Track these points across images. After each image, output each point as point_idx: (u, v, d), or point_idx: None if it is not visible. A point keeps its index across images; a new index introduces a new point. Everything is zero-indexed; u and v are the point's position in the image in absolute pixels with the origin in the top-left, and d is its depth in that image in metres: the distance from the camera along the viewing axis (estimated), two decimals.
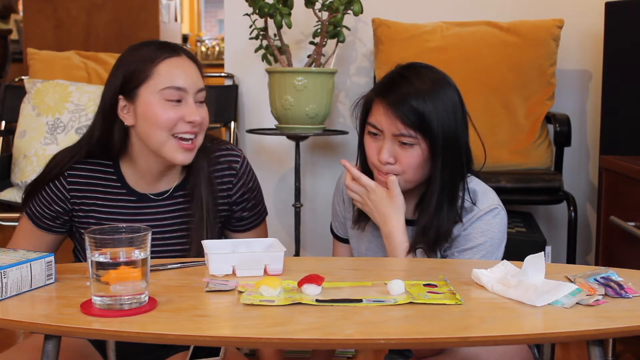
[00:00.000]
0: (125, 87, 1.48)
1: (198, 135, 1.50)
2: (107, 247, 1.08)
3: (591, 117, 2.98)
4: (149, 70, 1.46)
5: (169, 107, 1.46)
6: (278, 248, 1.34)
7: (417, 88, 1.48)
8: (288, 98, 2.51)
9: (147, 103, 1.46)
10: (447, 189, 1.50)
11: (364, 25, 2.95)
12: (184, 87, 1.46)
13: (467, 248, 1.51)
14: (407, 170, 1.50)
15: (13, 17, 6.72)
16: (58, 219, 1.56)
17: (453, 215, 1.51)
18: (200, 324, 1.05)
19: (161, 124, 1.45)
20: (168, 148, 1.47)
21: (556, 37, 2.74)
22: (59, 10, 4.73)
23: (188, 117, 1.46)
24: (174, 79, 1.46)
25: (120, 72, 1.49)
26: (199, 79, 1.51)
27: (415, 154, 1.48)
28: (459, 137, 1.51)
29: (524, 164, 2.67)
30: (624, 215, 2.27)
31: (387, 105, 1.48)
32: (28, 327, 1.07)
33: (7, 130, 2.95)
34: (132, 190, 1.55)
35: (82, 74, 3.03)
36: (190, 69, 1.50)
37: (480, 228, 1.51)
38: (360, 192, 1.56)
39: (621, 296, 1.17)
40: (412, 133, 1.47)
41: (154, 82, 1.46)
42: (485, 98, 2.71)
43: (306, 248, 3.07)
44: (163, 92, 1.45)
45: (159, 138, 1.46)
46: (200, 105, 1.50)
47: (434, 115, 1.46)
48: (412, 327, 1.05)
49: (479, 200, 1.53)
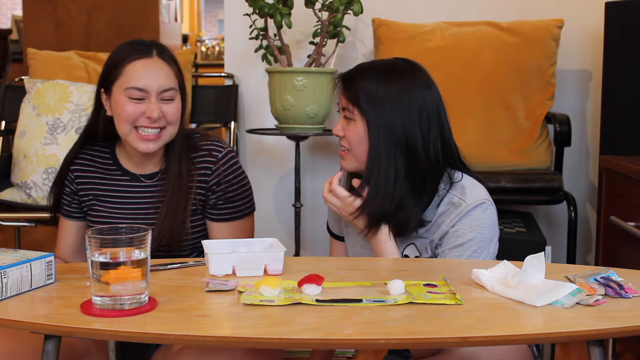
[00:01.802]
0: (104, 81, 1.67)
1: (166, 127, 1.64)
2: (107, 247, 1.08)
3: (591, 117, 2.98)
4: (119, 69, 1.63)
5: (131, 104, 1.61)
6: (278, 248, 1.34)
7: (371, 71, 1.57)
8: (288, 98, 2.51)
9: (116, 99, 1.63)
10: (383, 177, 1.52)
11: (364, 25, 2.95)
12: (145, 87, 1.61)
13: (457, 244, 1.51)
14: (351, 144, 1.57)
15: (13, 17, 6.72)
16: (73, 202, 1.75)
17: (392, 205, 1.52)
18: (200, 324, 1.05)
19: (124, 117, 1.62)
20: (131, 138, 1.63)
21: (556, 37, 2.74)
22: (59, 10, 4.72)
23: (147, 113, 1.61)
24: (136, 81, 1.61)
25: (104, 68, 1.68)
26: (166, 80, 1.63)
27: (353, 128, 1.56)
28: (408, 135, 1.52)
29: (524, 164, 2.67)
30: (624, 215, 2.27)
31: (341, 81, 1.60)
32: (28, 327, 1.07)
33: (7, 130, 2.95)
34: (125, 171, 1.73)
35: (82, 74, 3.02)
36: (157, 70, 1.63)
37: (469, 223, 1.52)
38: (336, 203, 1.61)
39: (621, 296, 1.17)
40: (350, 107, 1.55)
41: (121, 81, 1.62)
42: (485, 98, 2.71)
43: (306, 248, 3.07)
44: (127, 91, 1.61)
45: (124, 129, 1.64)
46: (167, 102, 1.63)
47: (371, 99, 1.53)
48: (412, 327, 1.05)
49: (467, 196, 1.54)
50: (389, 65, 1.60)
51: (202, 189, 1.68)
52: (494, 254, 1.55)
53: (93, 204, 1.73)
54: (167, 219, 1.63)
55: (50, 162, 2.60)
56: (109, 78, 1.65)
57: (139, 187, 1.72)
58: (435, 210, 1.55)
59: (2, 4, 9.26)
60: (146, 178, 1.72)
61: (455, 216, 1.52)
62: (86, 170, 1.74)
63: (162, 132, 1.64)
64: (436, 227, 1.55)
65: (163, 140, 1.65)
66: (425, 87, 1.57)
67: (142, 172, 1.72)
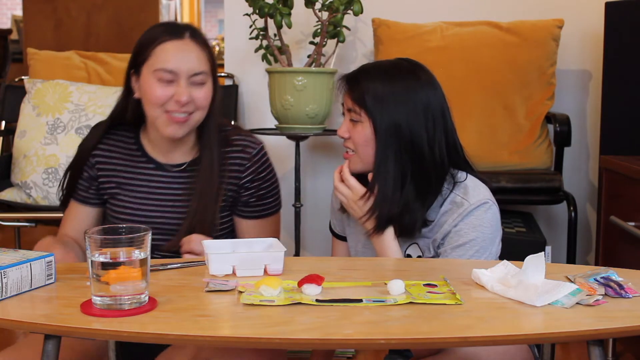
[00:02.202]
0: (134, 62, 1.62)
1: (194, 113, 1.59)
2: (107, 247, 1.08)
3: (591, 117, 2.98)
4: (150, 50, 1.57)
5: (161, 86, 1.56)
6: (278, 248, 1.34)
7: (376, 71, 1.57)
8: (288, 98, 2.51)
9: (145, 80, 1.58)
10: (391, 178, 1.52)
11: (364, 25, 2.95)
12: (175, 70, 1.55)
13: (459, 244, 1.51)
14: (357, 146, 1.56)
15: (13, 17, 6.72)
16: (90, 188, 1.69)
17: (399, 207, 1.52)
18: (200, 324, 1.05)
19: (153, 100, 1.57)
20: (160, 122, 1.58)
21: (556, 37, 2.74)
22: (59, 10, 4.72)
23: (176, 96, 1.55)
24: (166, 62, 1.56)
25: (134, 48, 1.62)
26: (198, 63, 1.58)
27: (359, 130, 1.55)
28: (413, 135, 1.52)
29: (524, 164, 2.66)
30: (624, 215, 2.27)
31: (345, 82, 1.59)
32: (28, 327, 1.07)
33: (7, 130, 2.95)
34: (150, 159, 1.67)
35: (82, 74, 3.02)
36: (188, 52, 1.57)
37: (472, 223, 1.52)
38: (347, 194, 1.59)
39: (621, 296, 1.17)
40: (357, 109, 1.54)
41: (151, 62, 1.57)
42: (485, 98, 2.71)
43: (306, 248, 3.07)
44: (156, 73, 1.56)
45: (153, 113, 1.59)
46: (197, 86, 1.58)
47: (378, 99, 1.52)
48: (412, 327, 1.05)
49: (470, 195, 1.54)
50: (393, 66, 1.60)
51: (234, 185, 1.66)
52: (496, 254, 1.55)
53: (115, 192, 1.67)
54: (198, 212, 1.59)
55: (50, 162, 2.60)
56: (138, 59, 1.60)
57: (164, 177, 1.66)
58: (438, 210, 1.55)
59: (2, 4, 9.26)
60: (172, 168, 1.67)
61: (458, 216, 1.52)
62: (109, 157, 1.68)
63: (190, 116, 1.58)
64: (439, 226, 1.55)
65: (190, 126, 1.60)
66: (430, 87, 1.57)
67: (168, 162, 1.67)
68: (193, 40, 1.59)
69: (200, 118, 1.61)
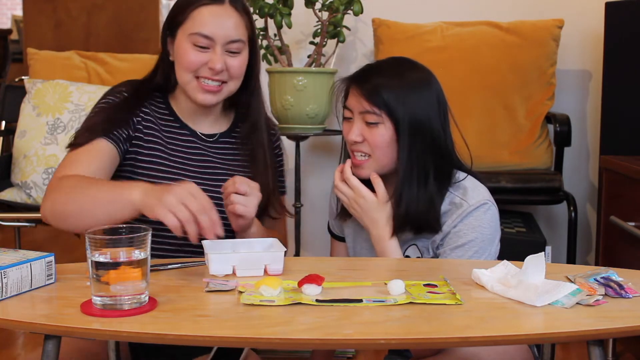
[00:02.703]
0: (169, 25, 1.57)
1: (228, 82, 1.55)
2: (107, 247, 1.08)
3: (591, 117, 2.99)
4: (187, 13, 1.53)
5: (195, 51, 1.51)
6: (278, 248, 1.34)
7: (385, 69, 1.54)
8: (288, 98, 2.51)
9: (180, 44, 1.54)
10: (416, 176, 1.52)
11: (364, 25, 2.95)
12: (211, 35, 1.51)
13: (458, 245, 1.51)
14: (375, 149, 1.53)
15: (13, 17, 6.72)
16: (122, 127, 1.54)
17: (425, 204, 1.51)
18: (200, 324, 1.05)
19: (185, 65, 1.52)
20: (191, 88, 1.54)
21: (556, 37, 2.74)
22: (59, 10, 4.72)
23: (210, 63, 1.51)
24: (203, 27, 1.51)
25: (171, 11, 1.58)
26: (235, 30, 1.53)
27: (380, 132, 1.51)
28: (432, 129, 1.52)
29: (524, 164, 2.67)
30: (624, 215, 2.27)
31: (355, 86, 1.54)
32: (28, 327, 1.07)
33: (7, 130, 2.95)
34: (184, 125, 1.62)
35: (82, 74, 3.02)
36: (226, 19, 1.53)
37: (471, 224, 1.51)
38: (348, 194, 1.58)
39: (621, 296, 1.17)
40: (377, 110, 1.50)
41: (187, 26, 1.52)
42: (485, 98, 2.71)
43: (306, 248, 3.07)
44: (192, 37, 1.51)
45: (184, 78, 1.54)
46: (233, 55, 1.53)
47: (399, 96, 1.50)
48: (412, 327, 1.05)
49: (469, 196, 1.54)
50: (397, 62, 1.59)
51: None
52: (495, 254, 1.55)
53: (150, 153, 1.56)
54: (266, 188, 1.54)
55: (50, 162, 2.60)
56: (175, 21, 1.55)
57: (200, 145, 1.61)
58: None
59: (2, 4, 9.26)
60: (206, 137, 1.62)
61: (457, 217, 1.52)
62: (145, 115, 1.58)
63: (223, 85, 1.54)
64: None
65: (223, 95, 1.56)
66: (435, 78, 1.58)
67: (200, 130, 1.63)
68: (232, 6, 1.54)
69: (233, 88, 1.57)
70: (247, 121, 1.64)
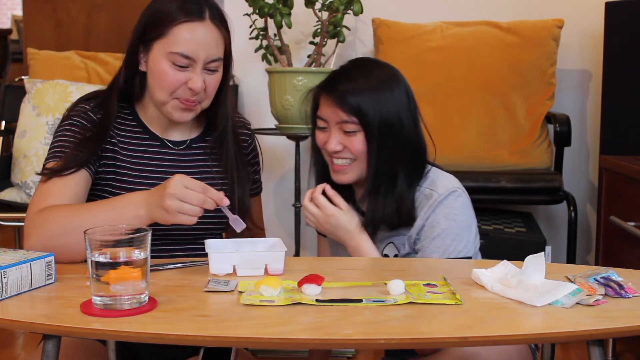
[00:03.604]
0: (144, 35, 1.49)
1: (203, 100, 1.51)
2: (107, 247, 1.08)
3: (591, 117, 2.99)
4: (166, 28, 1.45)
5: (174, 71, 1.45)
6: (280, 248, 1.34)
7: (355, 78, 1.54)
8: (288, 98, 2.51)
9: (156, 60, 1.46)
10: (387, 175, 1.53)
11: (364, 25, 2.95)
12: (192, 56, 1.45)
13: (434, 236, 1.51)
14: (359, 155, 1.54)
15: (13, 17, 6.72)
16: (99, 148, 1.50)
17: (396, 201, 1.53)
18: (200, 324, 1.05)
19: (163, 85, 1.46)
20: (168, 107, 1.49)
21: (556, 37, 2.74)
22: (59, 10, 4.72)
23: (190, 83, 1.46)
24: (183, 47, 1.44)
25: (144, 19, 1.50)
26: (216, 49, 1.48)
27: (359, 139, 1.52)
28: (403, 125, 1.53)
29: (524, 164, 2.67)
30: (624, 215, 2.27)
31: (328, 96, 1.54)
32: (28, 327, 1.07)
33: (7, 130, 2.95)
34: (153, 135, 1.56)
35: (82, 74, 3.03)
36: (208, 37, 1.46)
37: (443, 213, 1.52)
38: (316, 213, 1.57)
39: (621, 296, 1.17)
40: (355, 119, 1.51)
41: (166, 43, 1.45)
42: (485, 98, 2.71)
43: (306, 248, 3.07)
44: (171, 55, 1.45)
45: (161, 97, 1.48)
46: (210, 72, 1.48)
47: (372, 99, 1.51)
48: (412, 327, 1.05)
49: (438, 186, 1.54)
50: (361, 63, 1.61)
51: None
52: (475, 243, 1.55)
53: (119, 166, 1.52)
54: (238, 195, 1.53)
55: None
56: (150, 33, 1.47)
57: (170, 155, 1.57)
58: None
59: (2, 4, 9.26)
60: (175, 145, 1.57)
61: (429, 208, 1.53)
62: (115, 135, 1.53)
63: (200, 104, 1.50)
64: None
65: (197, 111, 1.52)
66: (399, 71, 1.60)
67: (169, 137, 1.58)
68: (213, 22, 1.47)
69: (206, 105, 1.52)
70: (216, 129, 1.59)
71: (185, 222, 1.30)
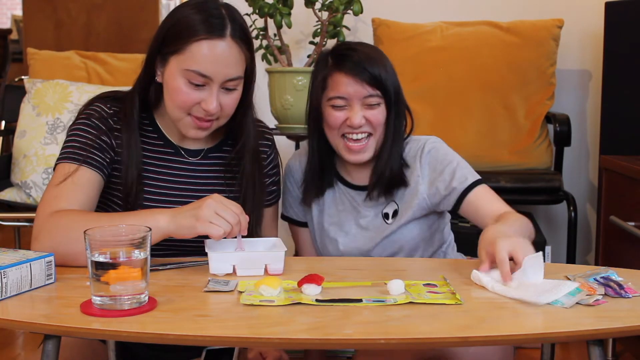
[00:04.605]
0: (162, 47, 1.43)
1: (219, 119, 1.46)
2: (107, 247, 1.08)
3: (591, 117, 2.99)
4: (184, 44, 1.39)
5: (189, 89, 1.40)
6: (280, 248, 1.34)
7: (367, 54, 1.59)
8: (288, 98, 2.51)
9: (172, 75, 1.41)
10: (397, 138, 1.61)
11: (364, 25, 2.95)
12: (210, 75, 1.39)
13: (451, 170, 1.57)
14: (377, 127, 1.59)
15: (13, 17, 6.72)
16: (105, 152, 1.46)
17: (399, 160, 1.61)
18: (200, 324, 1.05)
19: (177, 103, 1.42)
20: (183, 123, 1.45)
21: (556, 37, 2.74)
22: (59, 10, 4.72)
23: (204, 104, 1.41)
24: (201, 65, 1.39)
25: (164, 28, 1.44)
26: (235, 67, 1.42)
27: (381, 111, 1.58)
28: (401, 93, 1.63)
29: (524, 164, 2.67)
30: (624, 215, 2.27)
31: (349, 74, 1.55)
32: (28, 327, 1.07)
33: (7, 130, 2.95)
34: (169, 142, 1.53)
35: (82, 74, 3.03)
36: (227, 55, 1.40)
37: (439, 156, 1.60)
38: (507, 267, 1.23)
39: (621, 296, 1.17)
40: (379, 92, 1.56)
41: (183, 59, 1.39)
42: (485, 98, 2.71)
43: None
44: (187, 73, 1.39)
45: (175, 114, 1.44)
46: (228, 92, 1.44)
47: (386, 74, 1.57)
48: (412, 327, 1.05)
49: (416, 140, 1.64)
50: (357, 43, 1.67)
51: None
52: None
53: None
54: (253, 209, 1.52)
55: (50, 162, 2.60)
56: (168, 47, 1.41)
57: (185, 164, 1.53)
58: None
59: (2, 4, 9.26)
60: (190, 154, 1.54)
61: (425, 156, 1.60)
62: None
63: (214, 122, 1.46)
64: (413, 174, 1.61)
65: (212, 130, 1.47)
66: None
67: (186, 146, 1.54)
68: (234, 40, 1.41)
69: (223, 122, 1.48)
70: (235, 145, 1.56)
71: (213, 233, 1.28)
